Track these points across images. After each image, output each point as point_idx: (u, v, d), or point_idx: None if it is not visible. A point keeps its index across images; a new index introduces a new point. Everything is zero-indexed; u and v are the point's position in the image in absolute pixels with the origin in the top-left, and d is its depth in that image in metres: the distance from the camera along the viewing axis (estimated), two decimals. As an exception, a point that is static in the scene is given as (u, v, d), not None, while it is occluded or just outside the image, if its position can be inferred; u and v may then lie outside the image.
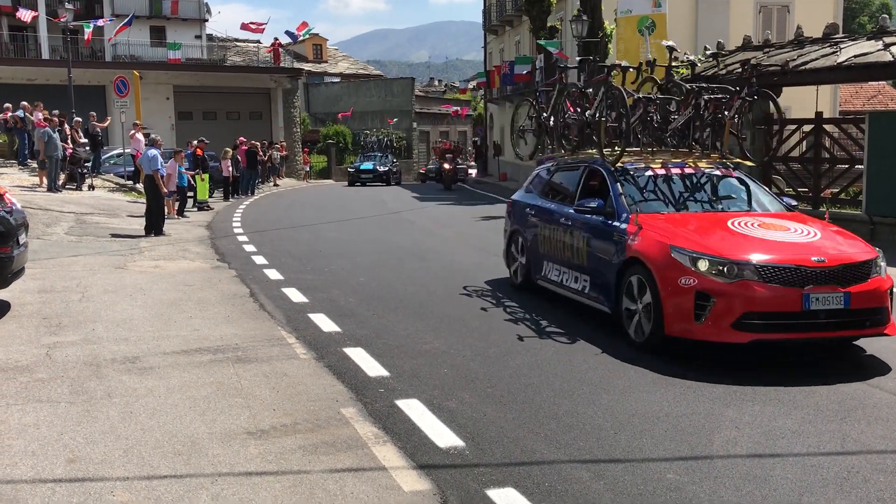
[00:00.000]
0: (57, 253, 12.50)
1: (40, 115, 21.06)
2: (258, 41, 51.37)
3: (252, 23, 39.25)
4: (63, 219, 16.24)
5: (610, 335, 7.55)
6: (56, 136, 20.18)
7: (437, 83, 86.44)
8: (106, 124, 26.41)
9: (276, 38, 47.10)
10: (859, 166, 15.33)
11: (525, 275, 9.78)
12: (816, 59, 15.59)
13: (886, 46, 14.60)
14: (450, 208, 23.57)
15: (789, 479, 4.39)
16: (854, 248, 6.99)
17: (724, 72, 16.45)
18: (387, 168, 38.70)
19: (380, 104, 54.04)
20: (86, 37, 31.79)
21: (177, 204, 18.96)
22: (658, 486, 4.32)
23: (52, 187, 20.21)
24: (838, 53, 15.34)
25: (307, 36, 49.68)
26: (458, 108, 53.37)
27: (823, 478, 4.42)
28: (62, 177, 21.35)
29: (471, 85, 52.19)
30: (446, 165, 33.69)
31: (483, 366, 6.56)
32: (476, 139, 52.13)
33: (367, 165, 38.63)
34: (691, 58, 12.56)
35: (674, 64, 10.09)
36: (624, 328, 7.34)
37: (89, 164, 23.37)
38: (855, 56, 14.92)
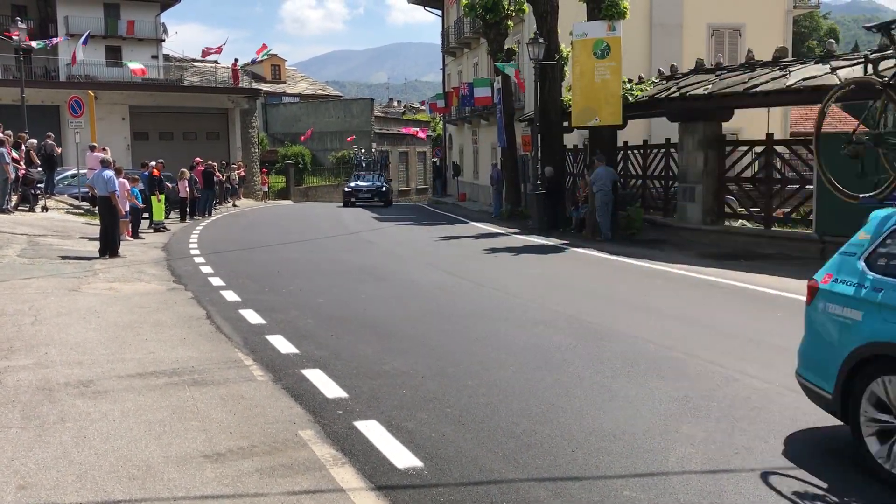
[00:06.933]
0: (9, 275, 12.26)
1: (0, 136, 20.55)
2: (216, 61, 51.11)
3: (214, 50, 39.45)
4: (15, 240, 15.94)
5: (567, 359, 7.62)
6: (5, 156, 19.77)
7: (396, 104, 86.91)
8: (59, 151, 25.81)
9: (235, 59, 46.96)
10: (809, 186, 15.68)
11: None
12: (767, 82, 15.96)
13: (833, 70, 15.00)
14: (409, 228, 23.59)
15: (742, 495, 4.47)
16: None
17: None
18: (386, 187, 37.81)
19: (339, 124, 54.03)
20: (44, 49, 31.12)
21: (130, 225, 18.76)
22: (614, 504, 4.37)
23: (4, 209, 19.83)
24: (787, 76, 15.73)
25: (266, 57, 49.57)
26: (418, 129, 53.57)
27: (776, 493, 4.50)
28: (14, 198, 20.96)
29: (427, 107, 52.47)
30: None
31: (442, 386, 6.57)
32: (435, 160, 52.22)
33: (366, 183, 37.31)
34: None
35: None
36: None
37: (42, 186, 22.98)
38: (804, 79, 15.30)
